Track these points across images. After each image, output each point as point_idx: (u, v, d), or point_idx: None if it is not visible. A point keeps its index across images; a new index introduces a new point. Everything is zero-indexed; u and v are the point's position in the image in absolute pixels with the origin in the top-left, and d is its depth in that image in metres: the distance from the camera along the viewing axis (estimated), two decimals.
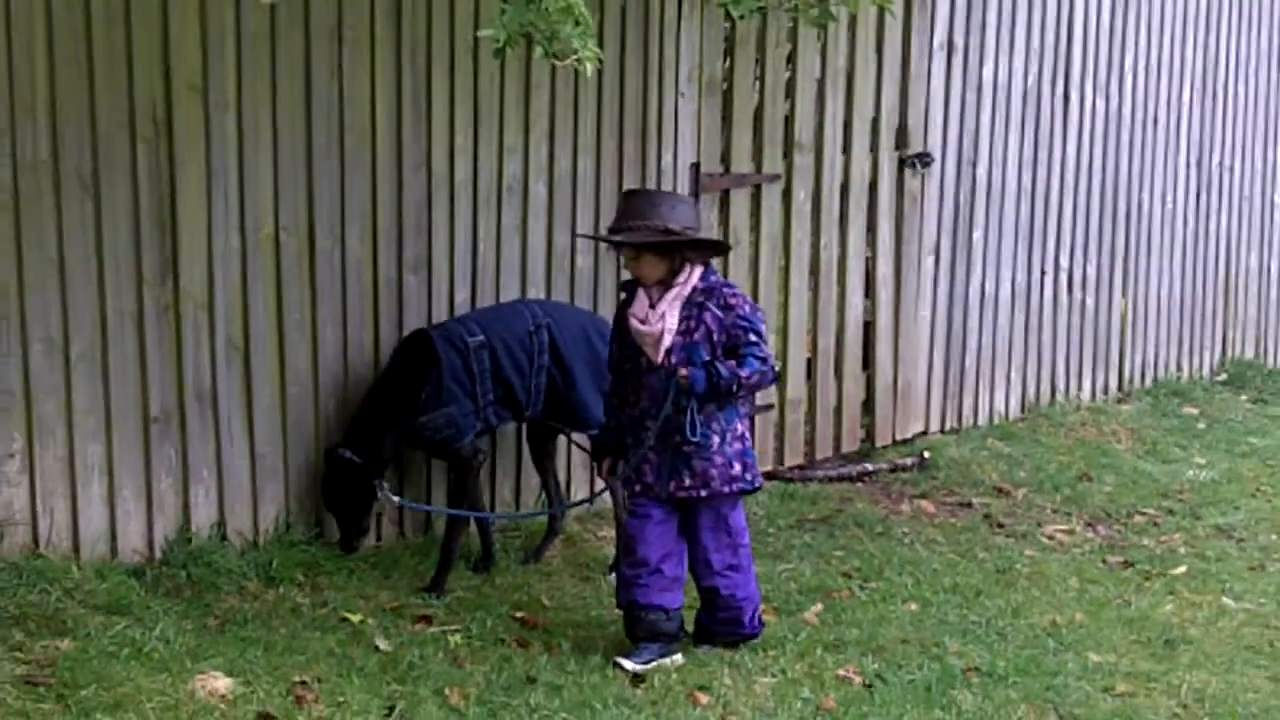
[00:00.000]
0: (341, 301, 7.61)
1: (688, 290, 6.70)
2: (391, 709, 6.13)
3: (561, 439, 8.25)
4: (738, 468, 6.81)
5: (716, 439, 6.76)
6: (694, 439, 6.69)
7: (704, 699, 6.53)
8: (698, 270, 6.73)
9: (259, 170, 7.25)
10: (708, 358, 6.66)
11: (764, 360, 6.72)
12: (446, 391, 7.36)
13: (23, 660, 6.02)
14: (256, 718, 5.89)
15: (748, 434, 6.94)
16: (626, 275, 6.96)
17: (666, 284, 6.71)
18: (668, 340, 6.68)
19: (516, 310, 7.78)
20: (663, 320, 6.67)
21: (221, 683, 6.05)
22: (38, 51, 6.56)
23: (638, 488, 6.84)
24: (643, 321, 6.71)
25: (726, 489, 6.80)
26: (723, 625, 7.02)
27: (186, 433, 7.19)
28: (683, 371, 6.61)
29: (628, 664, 6.72)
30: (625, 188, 8.23)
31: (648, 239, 6.62)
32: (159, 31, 6.88)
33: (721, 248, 7.22)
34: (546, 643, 6.98)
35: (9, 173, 6.55)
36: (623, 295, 6.99)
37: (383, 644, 6.76)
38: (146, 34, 6.84)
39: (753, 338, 6.71)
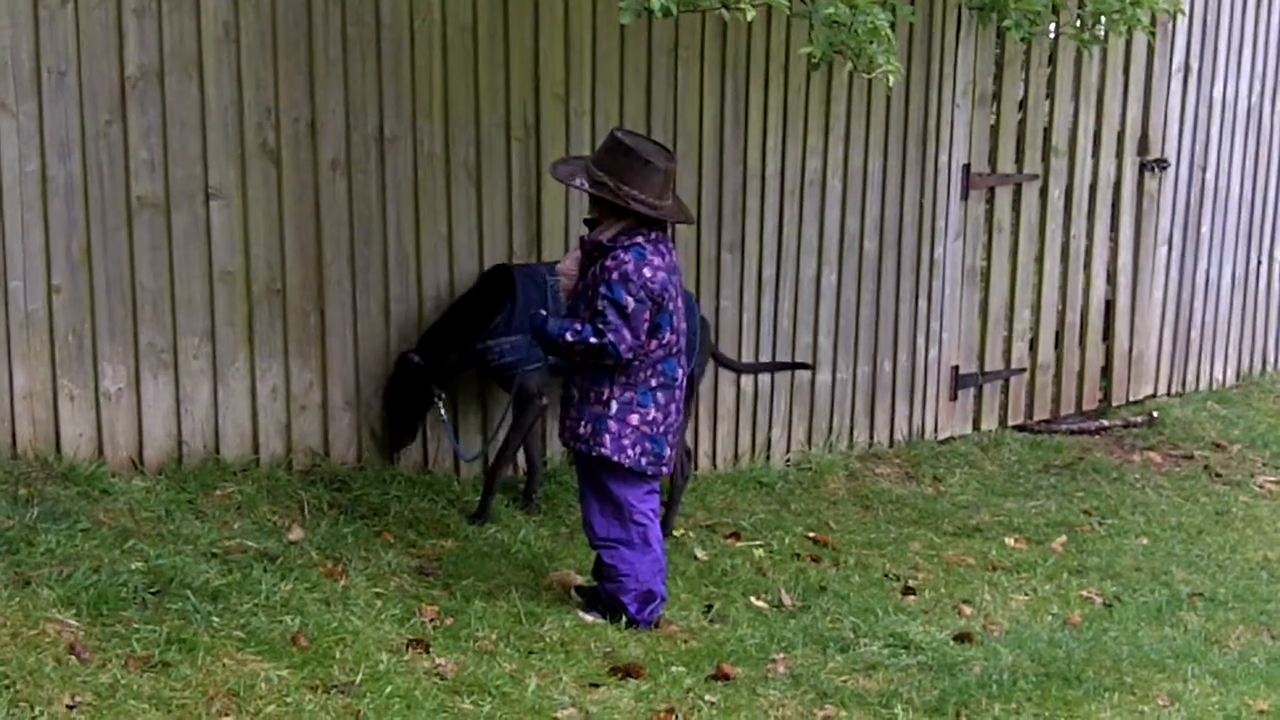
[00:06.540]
0: None
1: (590, 245, 5.67)
2: (710, 607, 6.13)
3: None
4: (586, 429, 5.63)
5: (576, 394, 5.68)
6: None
7: (968, 610, 6.41)
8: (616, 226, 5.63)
9: None
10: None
11: (600, 334, 5.47)
12: (518, 321, 6.40)
13: (416, 555, 6.14)
14: None
15: (618, 403, 5.59)
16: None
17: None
18: (568, 284, 5.80)
19: None
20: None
21: (573, 579, 6.11)
22: (434, 67, 6.66)
23: None
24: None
25: (573, 445, 5.71)
26: (606, 596, 5.80)
27: None
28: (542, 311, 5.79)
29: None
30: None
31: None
32: (530, 50, 6.92)
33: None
34: (834, 559, 6.92)
35: (410, 164, 6.67)
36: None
37: (700, 554, 6.77)
38: (520, 52, 6.89)
39: (600, 305, 5.50)
